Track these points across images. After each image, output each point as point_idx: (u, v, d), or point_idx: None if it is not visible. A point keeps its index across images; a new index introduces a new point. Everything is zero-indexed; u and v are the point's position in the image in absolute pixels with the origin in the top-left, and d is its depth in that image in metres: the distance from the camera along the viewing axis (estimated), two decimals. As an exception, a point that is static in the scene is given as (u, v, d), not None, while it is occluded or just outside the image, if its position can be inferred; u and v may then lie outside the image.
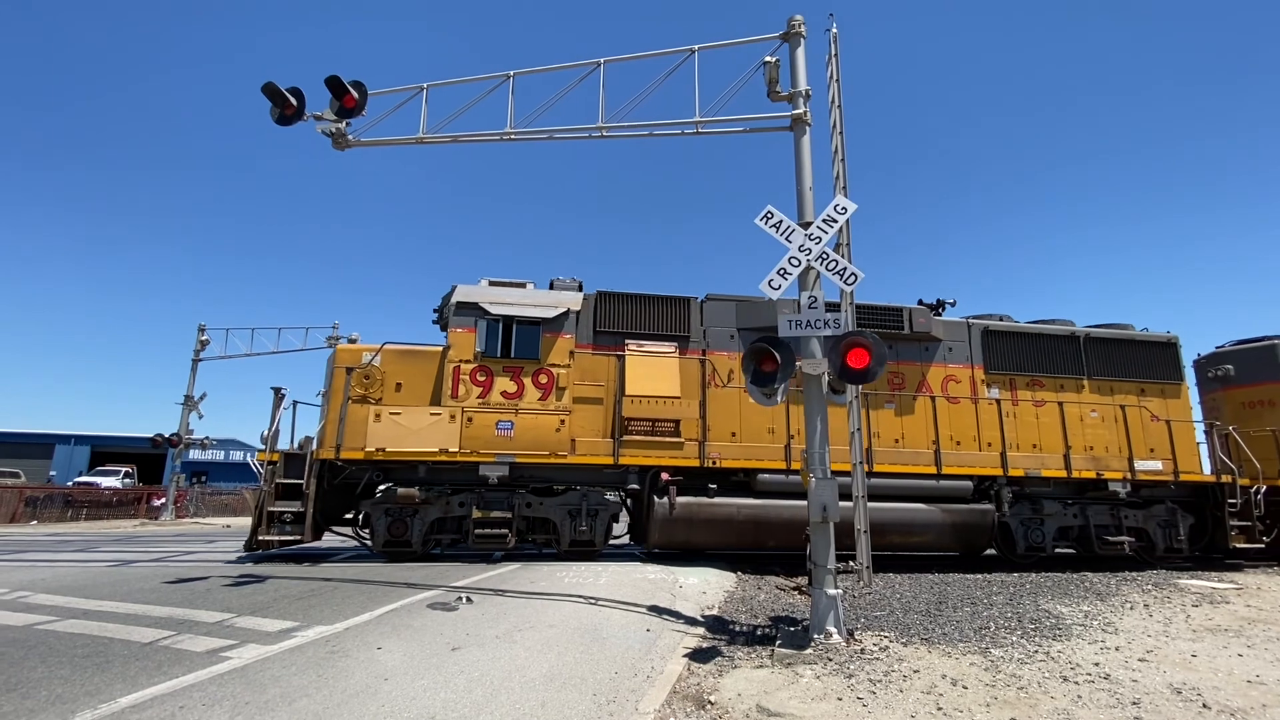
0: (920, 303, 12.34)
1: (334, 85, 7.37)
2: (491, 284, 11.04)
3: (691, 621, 6.54)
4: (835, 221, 6.19)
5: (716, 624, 6.51)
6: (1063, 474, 11.35)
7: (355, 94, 7.46)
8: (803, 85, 6.80)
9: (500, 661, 4.82)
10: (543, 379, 10.41)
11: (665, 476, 10.14)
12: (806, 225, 6.27)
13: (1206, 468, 12.48)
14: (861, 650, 5.37)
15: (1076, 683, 4.66)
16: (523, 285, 11.18)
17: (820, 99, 6.92)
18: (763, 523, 10.27)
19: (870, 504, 10.37)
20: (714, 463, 10.47)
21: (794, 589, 8.67)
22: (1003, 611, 7.23)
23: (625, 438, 10.34)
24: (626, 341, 10.95)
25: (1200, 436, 12.71)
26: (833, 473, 11.29)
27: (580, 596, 7.26)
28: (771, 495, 10.34)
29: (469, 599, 6.95)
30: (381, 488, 10.31)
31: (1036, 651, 5.51)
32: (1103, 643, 5.87)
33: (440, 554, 10.34)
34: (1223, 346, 14.22)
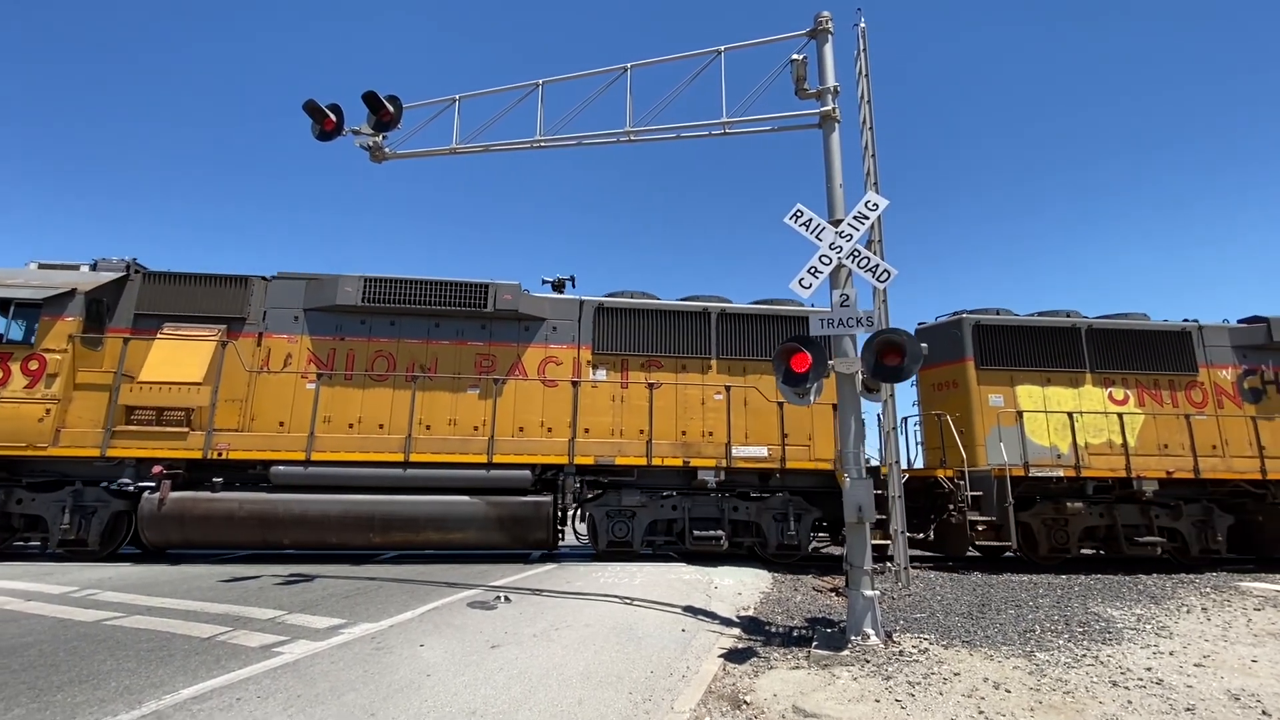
0: (544, 281, 11.63)
1: (371, 100, 7.61)
2: (40, 267, 10.47)
3: (727, 622, 6.55)
4: (866, 218, 6.13)
5: (752, 625, 6.50)
6: (641, 461, 10.46)
7: (391, 108, 7.69)
8: (830, 82, 6.75)
9: (538, 659, 4.92)
10: (33, 365, 9.66)
11: (158, 469, 9.49)
12: (837, 223, 6.22)
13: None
14: (900, 652, 5.30)
15: (1127, 688, 4.52)
16: (75, 267, 10.53)
17: (849, 95, 6.86)
18: (270, 519, 9.61)
19: (400, 496, 9.92)
20: (220, 454, 9.73)
21: (830, 590, 8.58)
22: (1049, 614, 7.03)
23: (121, 427, 9.65)
24: (165, 324, 10.29)
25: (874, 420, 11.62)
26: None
27: (615, 596, 7.34)
28: (291, 489, 9.77)
29: (507, 598, 7.09)
30: None
31: (1084, 655, 5.35)
32: (1156, 647, 5.67)
33: None
34: (925, 323, 12.75)
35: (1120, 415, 11.30)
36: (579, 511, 10.76)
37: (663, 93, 7.43)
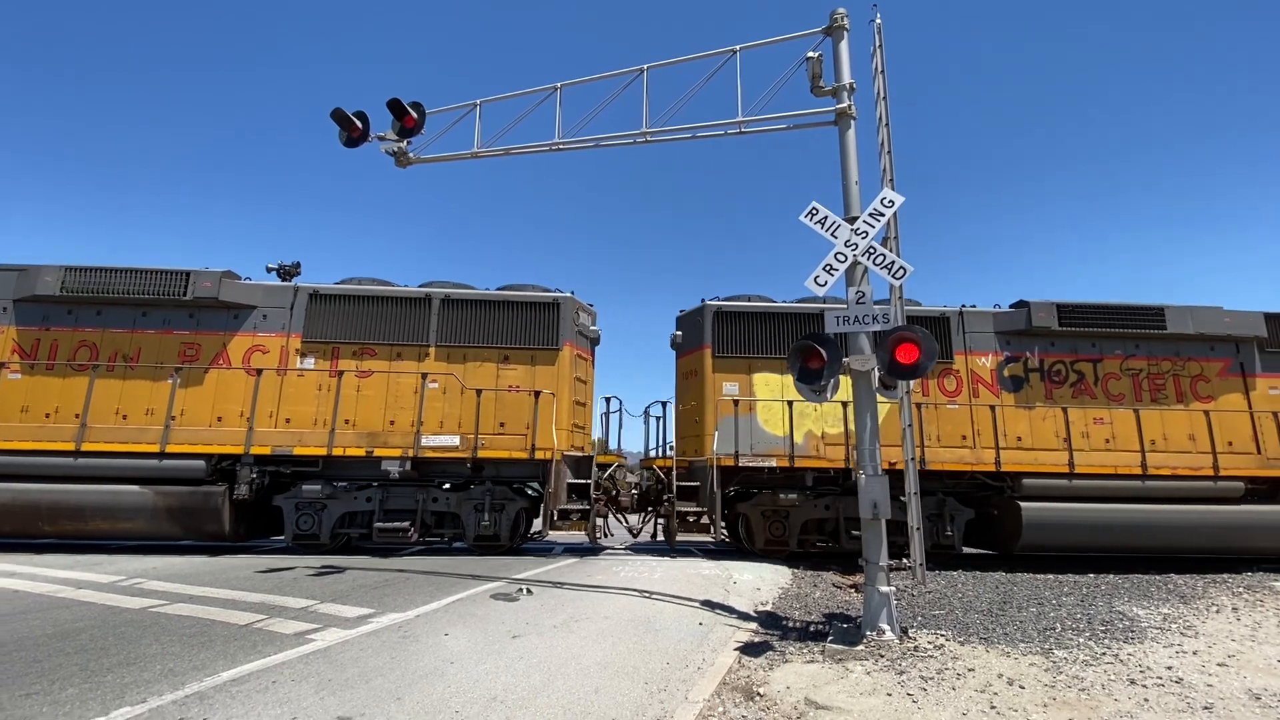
0: (269, 268, 11.42)
1: (395, 107, 7.83)
2: None
3: (744, 617, 6.63)
4: (882, 215, 6.13)
5: (769, 619, 6.57)
6: (323, 451, 10.32)
7: (414, 114, 7.90)
8: (846, 79, 6.75)
9: (557, 649, 5.08)
10: None
11: None
12: (853, 220, 6.23)
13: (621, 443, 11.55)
14: (915, 648, 5.33)
15: (1144, 685, 4.49)
16: None
17: (865, 93, 6.85)
18: None
19: (68, 486, 9.83)
20: None
21: (850, 586, 8.59)
22: (1071, 613, 6.96)
23: None
24: None
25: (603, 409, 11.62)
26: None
27: (635, 590, 7.47)
28: None
29: (529, 590, 7.28)
30: None
31: (1104, 654, 5.31)
32: (1179, 646, 5.59)
33: None
34: (685, 310, 12.21)
35: (844, 404, 10.68)
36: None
37: (679, 94, 7.50)
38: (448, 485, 10.85)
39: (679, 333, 12.11)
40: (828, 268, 6.09)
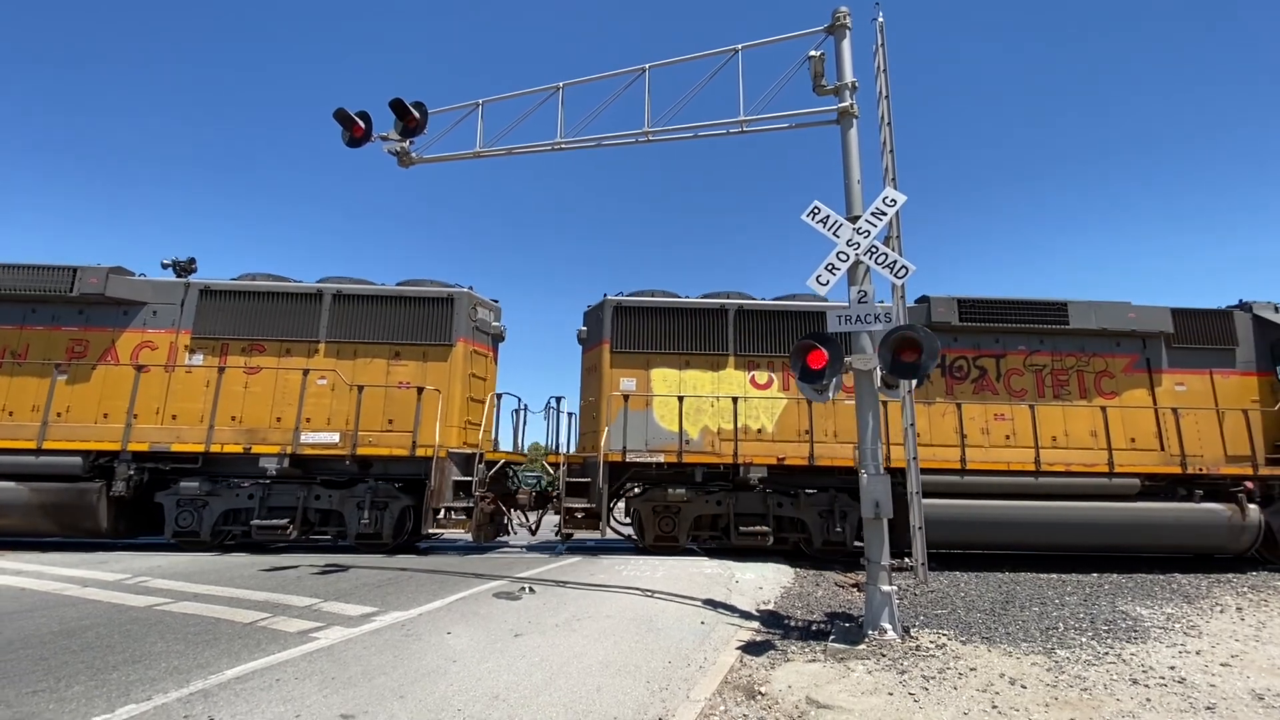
0: (164, 264, 11.43)
1: (397, 107, 7.85)
2: None
3: (746, 616, 6.64)
4: (884, 214, 6.12)
5: (771, 619, 6.58)
6: (200, 448, 10.26)
7: (416, 114, 7.92)
8: (849, 78, 6.74)
9: (559, 648, 5.09)
10: None
11: None
12: (855, 219, 6.23)
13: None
14: (917, 647, 5.33)
15: (1147, 685, 4.48)
16: None
17: (867, 91, 6.84)
18: None
19: None
20: None
21: (852, 585, 8.60)
22: (1074, 612, 6.95)
23: None
24: None
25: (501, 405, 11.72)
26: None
27: (637, 589, 7.48)
28: None
29: (532, 589, 7.30)
30: None
31: (1107, 654, 5.30)
32: (1182, 646, 5.58)
33: None
34: (590, 306, 12.12)
35: (735, 399, 10.82)
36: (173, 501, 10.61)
37: (681, 93, 7.50)
38: (342, 481, 10.77)
39: (584, 328, 12.06)
40: (830, 267, 6.08)
